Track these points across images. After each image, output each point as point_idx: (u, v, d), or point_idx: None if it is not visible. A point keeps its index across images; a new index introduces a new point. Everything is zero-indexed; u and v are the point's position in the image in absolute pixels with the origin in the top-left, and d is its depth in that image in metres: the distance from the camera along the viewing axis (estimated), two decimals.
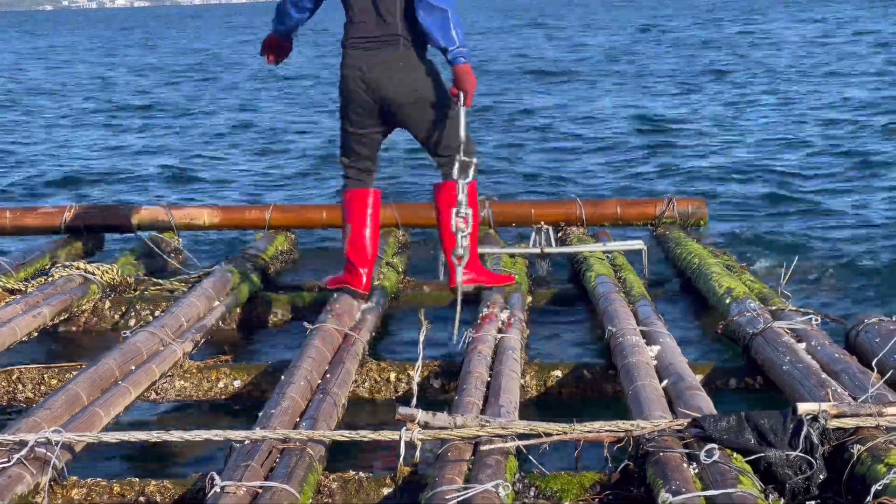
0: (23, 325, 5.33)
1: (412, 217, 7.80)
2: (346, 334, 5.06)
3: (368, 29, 5.36)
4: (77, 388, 4.21)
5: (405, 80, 5.35)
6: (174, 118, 19.62)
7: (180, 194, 11.79)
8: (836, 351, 4.53)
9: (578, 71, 24.75)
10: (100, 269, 6.38)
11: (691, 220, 7.67)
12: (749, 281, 5.96)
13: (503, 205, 8.00)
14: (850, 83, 19.94)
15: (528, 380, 4.88)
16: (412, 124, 5.47)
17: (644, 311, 5.36)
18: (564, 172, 12.33)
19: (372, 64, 5.35)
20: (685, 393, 4.08)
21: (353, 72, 5.40)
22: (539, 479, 3.58)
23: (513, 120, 17.17)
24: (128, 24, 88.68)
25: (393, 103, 5.39)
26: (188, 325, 5.35)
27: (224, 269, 6.32)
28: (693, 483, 3.27)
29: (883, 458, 3.39)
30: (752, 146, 13.71)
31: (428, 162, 12.93)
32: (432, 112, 5.41)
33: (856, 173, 11.67)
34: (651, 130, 15.38)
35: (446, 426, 3.65)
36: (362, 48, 5.37)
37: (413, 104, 5.39)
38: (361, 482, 3.63)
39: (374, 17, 5.33)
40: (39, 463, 3.54)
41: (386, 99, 5.38)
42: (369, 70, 5.36)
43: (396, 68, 5.34)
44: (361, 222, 5.57)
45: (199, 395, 4.97)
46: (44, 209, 7.90)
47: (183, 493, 3.62)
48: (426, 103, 5.39)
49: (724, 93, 19.66)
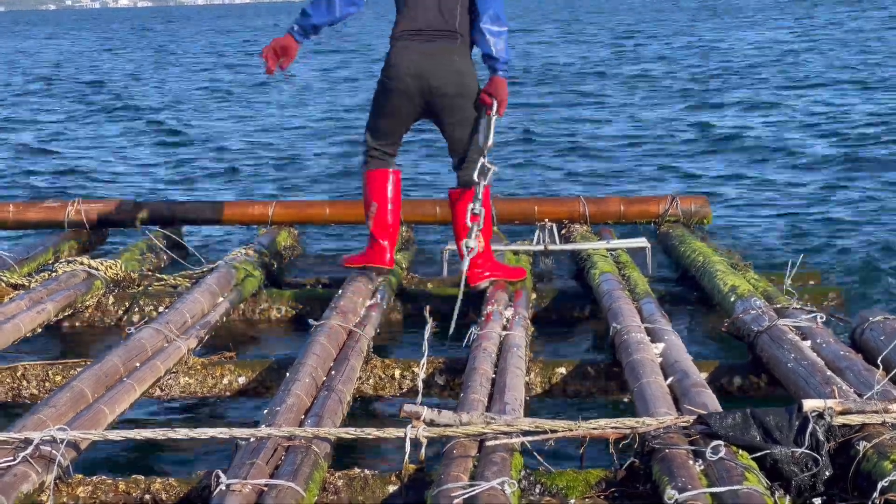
0: (27, 321, 5.33)
1: (415, 214, 7.80)
2: (350, 331, 5.06)
3: (427, 22, 5.59)
4: (82, 386, 4.21)
5: (455, 72, 5.58)
6: (185, 115, 19.64)
7: (185, 190, 11.80)
8: (841, 348, 4.53)
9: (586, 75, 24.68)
10: (103, 264, 6.38)
11: (695, 219, 7.65)
12: (753, 279, 5.95)
13: (507, 202, 7.99)
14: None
15: (532, 377, 4.88)
16: (448, 117, 5.68)
17: (648, 308, 5.36)
18: (569, 170, 12.32)
19: (427, 54, 5.58)
20: (690, 390, 4.08)
21: (405, 60, 5.60)
22: (545, 476, 3.57)
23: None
24: (150, 23, 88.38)
25: (438, 92, 5.60)
26: (192, 321, 5.34)
27: (227, 266, 6.32)
28: (699, 480, 3.27)
29: (889, 454, 3.39)
30: (756, 146, 13.70)
31: (429, 161, 13.03)
32: (469, 109, 5.65)
33: (857, 173, 11.66)
34: (656, 132, 15.36)
35: (451, 423, 3.65)
36: (418, 40, 5.60)
37: (456, 97, 5.61)
38: (367, 479, 3.63)
39: (435, 12, 5.58)
40: (44, 461, 3.54)
41: (434, 88, 5.60)
42: (423, 59, 5.58)
43: (450, 60, 5.58)
44: (384, 199, 5.83)
45: (203, 392, 4.97)
46: (47, 204, 7.88)
47: (188, 490, 3.62)
48: (467, 100, 5.63)
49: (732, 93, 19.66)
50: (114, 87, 25.80)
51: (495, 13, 5.53)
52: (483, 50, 5.58)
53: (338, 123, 17.49)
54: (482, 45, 5.55)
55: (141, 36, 58.73)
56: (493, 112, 5.53)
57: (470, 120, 5.65)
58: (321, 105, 20.55)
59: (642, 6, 71.05)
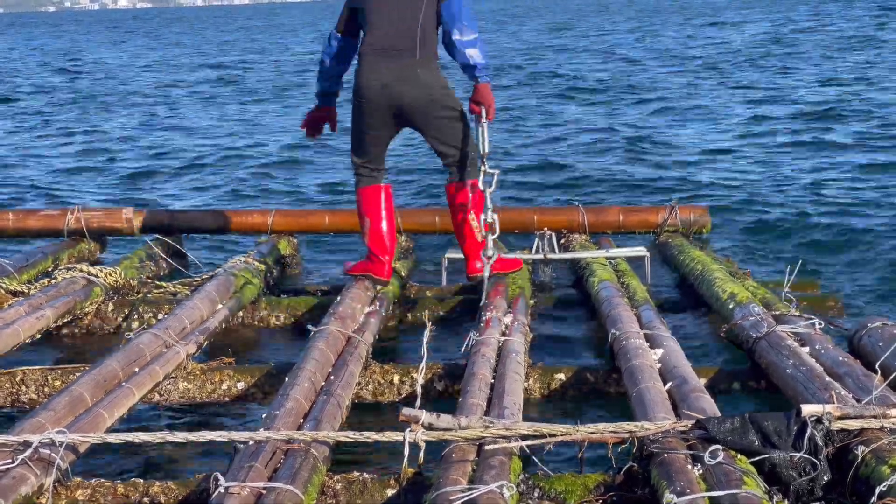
0: (26, 327, 5.33)
1: (415, 223, 7.81)
2: (349, 337, 5.06)
3: (390, 41, 5.71)
4: (81, 390, 4.21)
5: (423, 86, 5.70)
6: (177, 119, 19.65)
7: (183, 198, 11.80)
8: (839, 354, 4.53)
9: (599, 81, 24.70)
10: (103, 271, 6.39)
11: (694, 228, 7.65)
12: (752, 286, 5.96)
13: (506, 211, 7.98)
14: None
15: (531, 383, 4.88)
16: (426, 129, 5.82)
17: (647, 315, 5.37)
18: (568, 179, 12.33)
19: (391, 70, 5.69)
20: (689, 395, 4.08)
21: (371, 79, 5.73)
22: (543, 481, 3.58)
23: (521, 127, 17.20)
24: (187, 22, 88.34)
25: (409, 109, 5.73)
26: (191, 327, 5.35)
27: (227, 273, 6.32)
28: (697, 484, 3.27)
29: (887, 459, 3.39)
30: (756, 154, 13.71)
31: (429, 170, 13.05)
32: (445, 119, 5.77)
33: (856, 177, 11.68)
34: (656, 141, 15.37)
35: (450, 427, 3.65)
36: (382, 57, 5.70)
37: (429, 110, 5.74)
38: (366, 483, 3.64)
39: (396, 30, 5.70)
40: (43, 464, 3.54)
41: (403, 105, 5.72)
42: (388, 77, 5.69)
43: (415, 75, 5.69)
44: (378, 215, 5.97)
45: (202, 397, 4.97)
46: (47, 212, 7.89)
47: (187, 494, 3.62)
48: (441, 109, 5.75)
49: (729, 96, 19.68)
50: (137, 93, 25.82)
51: (462, 24, 5.64)
52: (460, 62, 5.71)
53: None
54: (458, 57, 5.70)
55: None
56: (484, 118, 5.71)
57: (448, 128, 5.79)
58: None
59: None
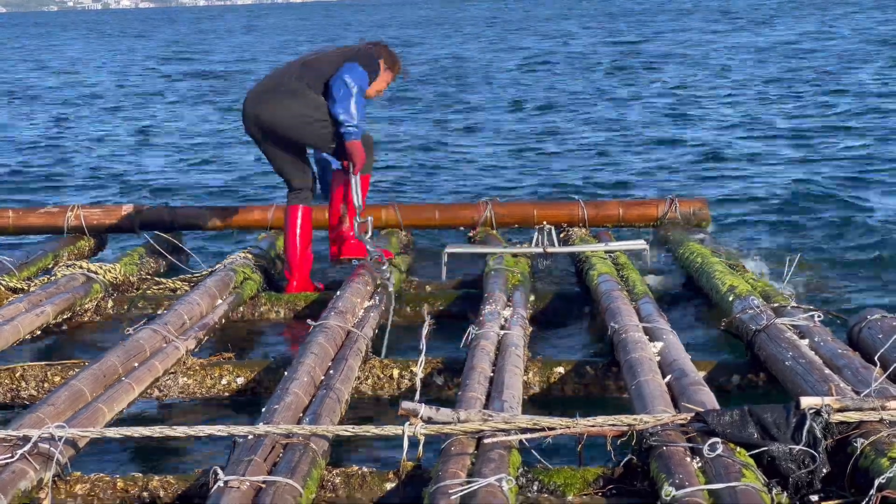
0: (26, 323, 5.33)
1: (414, 218, 7.81)
2: (348, 331, 5.06)
3: (274, 81, 6.24)
4: (80, 385, 4.21)
5: (285, 105, 6.11)
6: (177, 119, 19.66)
7: (180, 195, 11.80)
8: (838, 347, 4.53)
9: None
10: (102, 268, 6.39)
11: (693, 222, 7.66)
12: (752, 279, 5.95)
13: (506, 206, 8.00)
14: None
15: (531, 376, 4.88)
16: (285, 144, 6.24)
17: (646, 308, 5.36)
18: (569, 174, 12.32)
19: (259, 92, 6.20)
20: (689, 388, 4.08)
21: (243, 108, 6.25)
22: (542, 474, 3.58)
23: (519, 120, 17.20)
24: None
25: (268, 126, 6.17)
26: (191, 322, 5.35)
27: (226, 269, 6.32)
28: (696, 477, 3.27)
29: (886, 451, 3.39)
30: (756, 149, 13.70)
31: (428, 166, 13.05)
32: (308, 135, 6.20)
33: (855, 171, 11.67)
34: (658, 136, 15.36)
35: (449, 421, 3.65)
36: (257, 88, 6.28)
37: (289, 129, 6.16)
38: (365, 477, 3.64)
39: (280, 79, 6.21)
40: (43, 458, 3.54)
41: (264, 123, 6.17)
42: (254, 98, 6.19)
43: (278, 95, 6.11)
44: (293, 233, 6.40)
45: (202, 392, 4.97)
46: (47, 209, 7.90)
47: (186, 488, 3.62)
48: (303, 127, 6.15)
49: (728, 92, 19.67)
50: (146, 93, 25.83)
51: (337, 94, 6.00)
52: (333, 112, 6.06)
53: None
54: (331, 108, 6.07)
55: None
56: (351, 172, 6.17)
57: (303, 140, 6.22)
58: None
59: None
